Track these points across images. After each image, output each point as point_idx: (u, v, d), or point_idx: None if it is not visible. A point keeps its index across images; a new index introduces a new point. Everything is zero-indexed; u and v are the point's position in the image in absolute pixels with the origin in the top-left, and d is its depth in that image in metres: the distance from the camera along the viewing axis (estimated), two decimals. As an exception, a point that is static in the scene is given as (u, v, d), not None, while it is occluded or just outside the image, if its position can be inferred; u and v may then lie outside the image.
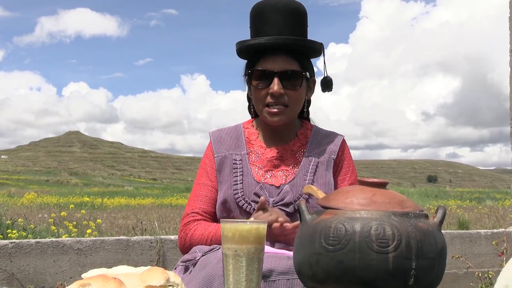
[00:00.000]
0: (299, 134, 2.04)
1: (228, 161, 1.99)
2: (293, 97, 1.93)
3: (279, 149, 1.99)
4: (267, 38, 1.91)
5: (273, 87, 1.89)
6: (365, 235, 1.14)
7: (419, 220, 1.19)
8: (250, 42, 1.96)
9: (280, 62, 1.92)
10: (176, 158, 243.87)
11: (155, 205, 20.96)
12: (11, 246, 2.99)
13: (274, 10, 1.94)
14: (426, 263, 1.16)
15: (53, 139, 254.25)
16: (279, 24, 1.92)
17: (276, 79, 1.90)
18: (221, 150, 2.02)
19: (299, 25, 1.96)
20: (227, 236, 1.32)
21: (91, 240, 3.14)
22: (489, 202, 22.86)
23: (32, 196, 19.80)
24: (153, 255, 3.25)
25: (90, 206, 18.02)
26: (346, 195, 1.26)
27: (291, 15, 1.94)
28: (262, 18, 1.95)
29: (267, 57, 1.93)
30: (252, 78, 1.96)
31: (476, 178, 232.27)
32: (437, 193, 33.20)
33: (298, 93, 1.94)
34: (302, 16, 1.98)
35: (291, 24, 1.93)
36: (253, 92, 1.97)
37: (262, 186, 1.92)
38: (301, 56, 1.96)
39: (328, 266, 1.16)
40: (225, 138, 2.05)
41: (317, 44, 1.99)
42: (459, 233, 3.90)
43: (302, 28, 1.98)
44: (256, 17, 1.98)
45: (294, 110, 1.97)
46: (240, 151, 2.01)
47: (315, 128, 2.08)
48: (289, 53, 1.93)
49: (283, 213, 1.85)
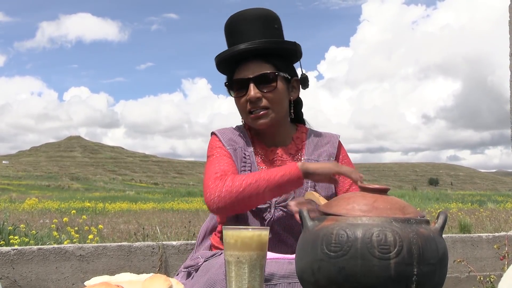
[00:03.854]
0: (294, 138, 2.04)
1: (239, 154, 1.97)
2: (271, 98, 1.92)
3: (280, 151, 1.99)
4: (236, 47, 1.92)
5: (250, 93, 1.91)
6: (366, 242, 1.14)
7: (421, 226, 1.20)
8: (221, 55, 1.98)
9: (253, 68, 1.93)
10: (177, 163, 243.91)
11: (156, 209, 20.95)
12: (13, 253, 3.00)
13: (242, 19, 1.96)
14: (427, 269, 1.16)
15: (54, 144, 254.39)
16: (248, 32, 1.93)
17: (251, 84, 1.91)
18: (231, 143, 1.99)
19: (270, 29, 1.96)
20: (230, 243, 1.32)
21: (93, 247, 3.14)
22: (491, 204, 22.84)
23: (34, 201, 19.81)
24: (155, 261, 3.25)
25: (92, 211, 18.01)
26: (347, 201, 1.27)
27: (259, 20, 1.95)
28: (233, 30, 1.97)
29: (241, 67, 1.95)
30: (233, 90, 1.98)
31: (477, 180, 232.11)
32: (439, 196, 33.20)
33: (276, 94, 1.93)
34: (272, 20, 1.99)
35: (260, 30, 1.94)
36: (236, 103, 1.99)
37: None
38: (274, 58, 1.96)
39: (330, 272, 1.16)
40: (231, 135, 2.03)
41: (289, 43, 1.98)
42: (460, 237, 3.90)
43: (273, 31, 1.97)
44: (228, 30, 2.00)
45: (276, 111, 1.95)
46: (248, 148, 2.00)
47: (309, 131, 2.08)
48: (262, 58, 1.94)
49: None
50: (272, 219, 1.89)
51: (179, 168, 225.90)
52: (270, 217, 1.89)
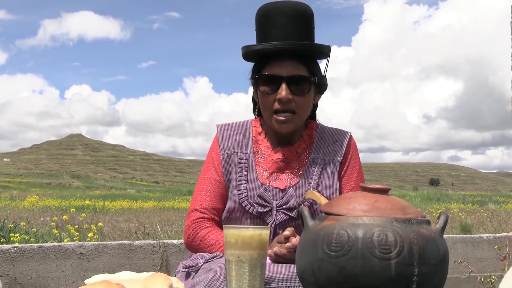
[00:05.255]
0: (303, 135, 1.99)
1: (234, 159, 1.95)
2: (301, 103, 1.88)
3: (284, 151, 1.95)
4: (274, 43, 1.85)
5: (281, 93, 1.84)
6: (367, 241, 1.14)
7: (421, 226, 1.20)
8: (256, 47, 1.91)
9: (288, 67, 1.87)
10: (178, 161, 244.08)
11: (157, 208, 20.95)
12: (14, 250, 3.00)
13: (280, 13, 1.88)
14: (428, 269, 1.16)
15: (55, 142, 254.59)
16: (285, 27, 1.87)
17: (283, 84, 1.85)
18: (228, 147, 1.97)
19: (306, 28, 1.91)
20: (230, 242, 1.32)
21: (93, 245, 3.14)
22: (492, 205, 22.82)
23: (34, 199, 19.79)
24: (155, 259, 3.25)
25: (92, 209, 18.01)
26: (348, 201, 1.27)
27: (298, 18, 1.89)
28: (268, 22, 1.90)
29: (274, 62, 1.88)
30: (259, 83, 1.91)
31: (478, 181, 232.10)
32: (439, 197, 33.17)
33: (306, 99, 1.89)
34: (309, 19, 1.93)
35: (298, 27, 1.88)
36: (260, 98, 1.92)
37: (266, 188, 1.89)
38: (309, 60, 1.91)
39: (331, 272, 1.16)
40: (232, 135, 2.00)
41: (325, 47, 1.93)
42: (461, 238, 3.90)
43: (309, 31, 1.92)
44: (262, 20, 1.92)
45: (301, 117, 1.91)
46: (246, 149, 1.97)
47: (320, 127, 2.03)
48: (297, 57, 1.88)
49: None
50: (274, 223, 1.86)
51: (180, 167, 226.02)
52: (272, 221, 1.86)
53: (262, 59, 1.92)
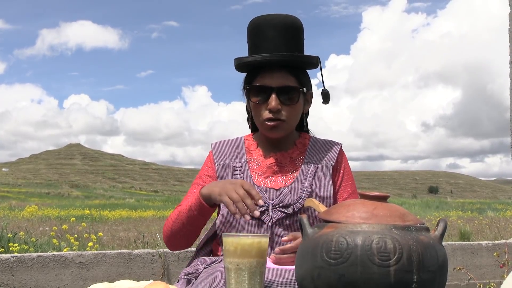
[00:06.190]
0: (297, 143, 2.08)
1: (229, 168, 2.02)
2: (290, 112, 1.97)
3: (278, 156, 2.03)
4: (264, 55, 1.94)
5: (271, 103, 1.93)
6: (366, 249, 1.15)
7: (420, 233, 1.20)
8: (247, 59, 2.00)
9: (278, 78, 1.95)
10: (177, 170, 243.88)
11: (156, 217, 20.92)
12: (13, 260, 3.00)
13: (270, 25, 1.97)
14: (427, 276, 1.16)
15: (54, 152, 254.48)
16: (275, 39, 1.95)
17: (273, 94, 1.94)
18: (222, 159, 2.05)
19: (295, 39, 1.99)
20: (229, 250, 1.33)
21: (92, 254, 3.14)
22: (490, 213, 22.83)
23: (33, 209, 19.79)
24: (155, 268, 3.25)
25: (91, 219, 18.00)
26: (347, 208, 1.27)
27: (287, 30, 1.97)
28: (259, 34, 1.99)
29: (264, 73, 1.97)
30: (251, 94, 2.00)
31: (477, 188, 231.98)
32: (438, 204, 33.16)
33: (295, 108, 1.98)
34: (298, 31, 2.01)
35: (287, 39, 1.96)
36: (252, 107, 2.02)
37: (262, 189, 1.95)
38: (298, 71, 2.00)
39: (330, 279, 1.17)
40: (225, 148, 2.09)
41: (313, 58, 2.01)
42: (460, 245, 3.90)
43: (298, 43, 2.01)
44: (253, 33, 2.01)
45: (290, 124, 2.00)
46: (240, 159, 2.04)
47: (313, 138, 2.12)
48: (286, 69, 1.97)
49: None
50: (271, 221, 1.91)
51: (179, 176, 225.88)
52: (269, 219, 1.91)
53: (253, 71, 2.02)
